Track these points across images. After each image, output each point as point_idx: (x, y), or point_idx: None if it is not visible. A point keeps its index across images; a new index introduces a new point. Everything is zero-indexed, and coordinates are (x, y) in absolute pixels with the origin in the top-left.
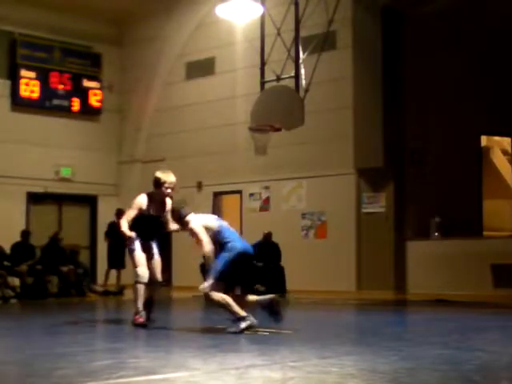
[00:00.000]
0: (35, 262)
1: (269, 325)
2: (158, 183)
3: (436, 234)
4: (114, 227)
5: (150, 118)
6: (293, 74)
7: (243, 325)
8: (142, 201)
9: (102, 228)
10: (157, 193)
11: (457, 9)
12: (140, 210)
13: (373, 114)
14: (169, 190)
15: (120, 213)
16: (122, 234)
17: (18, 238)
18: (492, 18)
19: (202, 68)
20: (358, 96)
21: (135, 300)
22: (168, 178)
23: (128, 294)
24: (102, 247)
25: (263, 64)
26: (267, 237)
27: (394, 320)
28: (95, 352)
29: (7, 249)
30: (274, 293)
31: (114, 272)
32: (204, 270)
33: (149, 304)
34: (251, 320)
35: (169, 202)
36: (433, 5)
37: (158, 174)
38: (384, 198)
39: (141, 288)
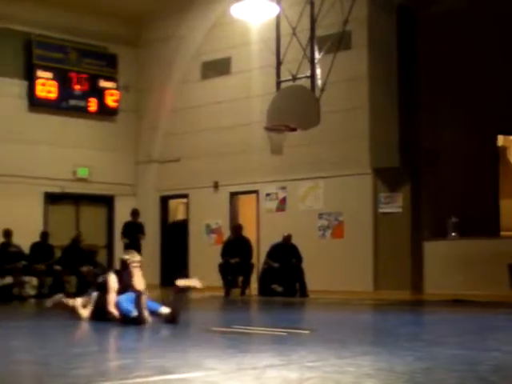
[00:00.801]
0: (54, 261)
1: (287, 325)
2: (125, 264)
3: (453, 234)
4: (129, 227)
5: (166, 118)
6: (308, 73)
7: None
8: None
9: (119, 228)
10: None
11: (472, 8)
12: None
13: (388, 114)
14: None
15: (135, 213)
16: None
17: (35, 238)
18: (506, 17)
19: (218, 68)
20: (374, 95)
21: None
22: (134, 257)
23: (154, 295)
24: (119, 247)
25: (279, 64)
26: (286, 239)
27: (410, 320)
28: (111, 352)
29: (26, 249)
30: (291, 294)
31: None
32: (222, 269)
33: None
34: None
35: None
36: (448, 4)
37: (124, 256)
38: (401, 197)
39: None
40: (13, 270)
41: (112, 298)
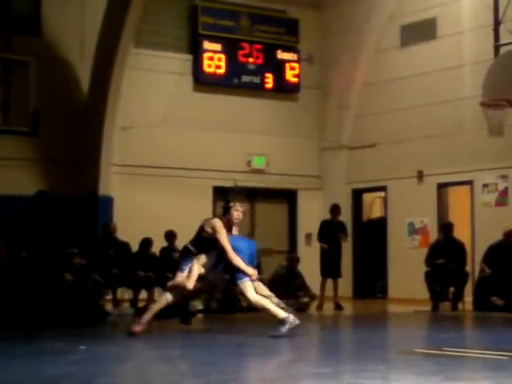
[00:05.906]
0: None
1: (508, 347)
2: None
3: None
4: (328, 227)
5: (358, 95)
6: None
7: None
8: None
9: (303, 228)
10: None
11: None
12: None
13: None
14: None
15: (335, 210)
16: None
17: None
18: None
19: (421, 31)
20: None
21: None
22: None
23: (347, 310)
24: (305, 252)
25: (497, 23)
26: (508, 236)
27: None
28: (292, 378)
29: None
30: None
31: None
32: (429, 278)
33: None
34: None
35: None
36: None
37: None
38: None
39: None
40: None
41: (226, 241)
